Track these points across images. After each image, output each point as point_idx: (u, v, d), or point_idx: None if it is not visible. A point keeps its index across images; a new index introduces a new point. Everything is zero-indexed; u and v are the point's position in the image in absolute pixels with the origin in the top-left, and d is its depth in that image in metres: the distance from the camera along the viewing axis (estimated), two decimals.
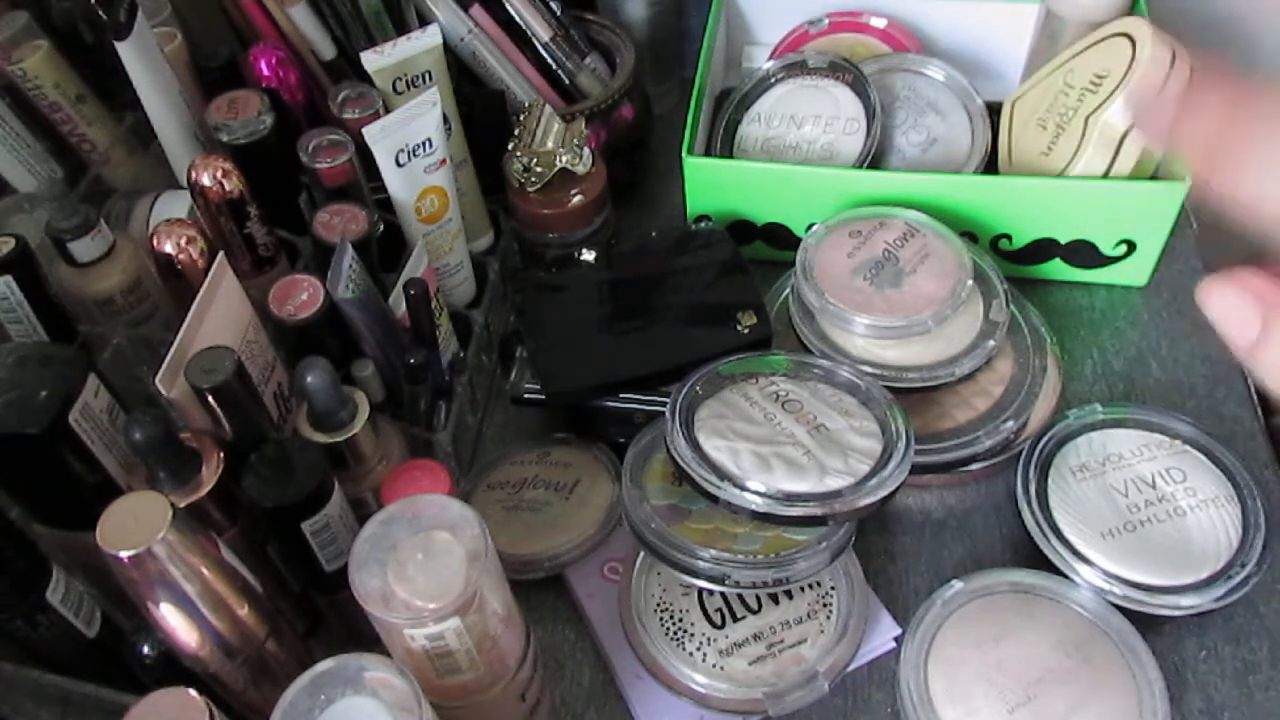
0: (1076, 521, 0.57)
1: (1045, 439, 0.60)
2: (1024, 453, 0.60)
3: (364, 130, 0.59)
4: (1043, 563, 0.56)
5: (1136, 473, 0.59)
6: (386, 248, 0.63)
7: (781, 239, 0.74)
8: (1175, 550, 0.55)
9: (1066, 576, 0.56)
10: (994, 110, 0.75)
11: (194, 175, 0.58)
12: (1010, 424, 0.61)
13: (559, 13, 0.76)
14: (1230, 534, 0.56)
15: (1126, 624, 0.53)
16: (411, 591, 0.40)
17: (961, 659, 0.53)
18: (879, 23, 0.80)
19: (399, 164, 0.61)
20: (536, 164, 0.67)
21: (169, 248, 0.54)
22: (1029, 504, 0.58)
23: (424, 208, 0.63)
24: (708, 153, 0.77)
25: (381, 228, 0.63)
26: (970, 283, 0.63)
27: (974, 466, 0.62)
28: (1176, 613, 0.54)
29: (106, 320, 0.61)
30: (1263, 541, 0.55)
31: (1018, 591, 0.56)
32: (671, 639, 0.56)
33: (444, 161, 0.63)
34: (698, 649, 0.55)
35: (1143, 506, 0.57)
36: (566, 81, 0.77)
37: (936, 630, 0.55)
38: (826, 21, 0.81)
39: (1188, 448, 0.59)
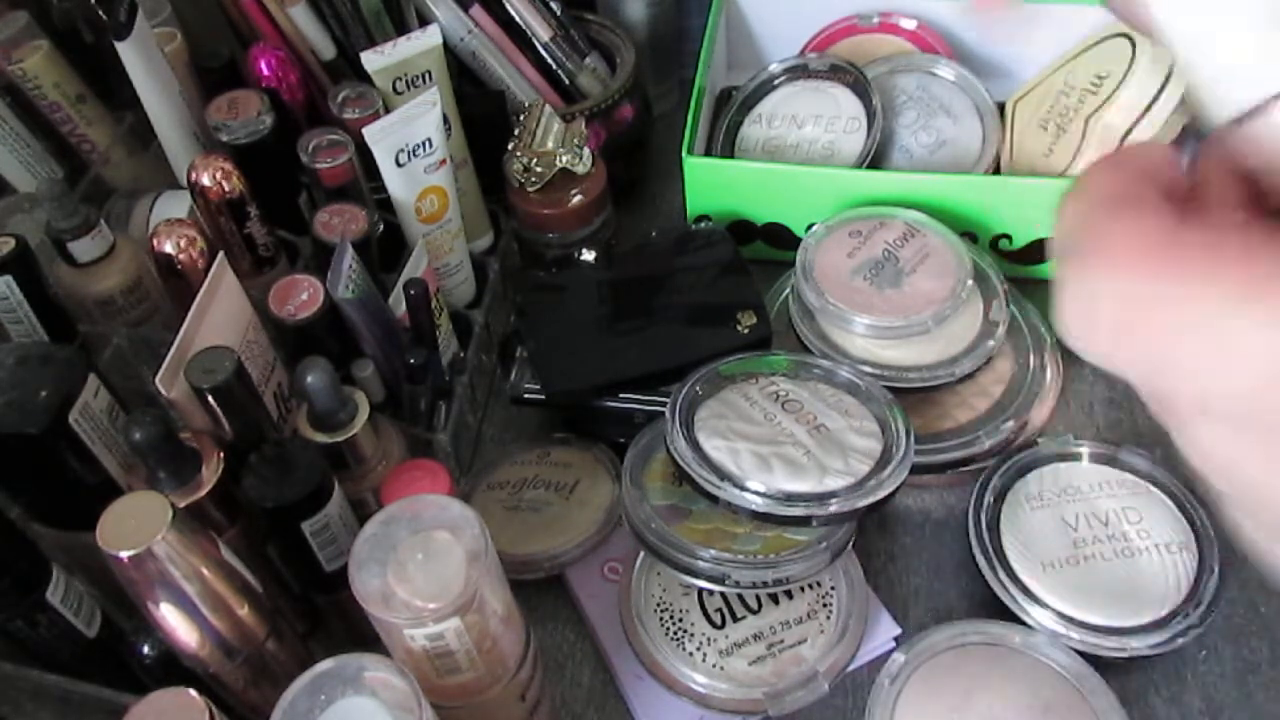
0: (1022, 549, 0.56)
1: (1008, 465, 0.60)
2: (983, 476, 0.60)
3: (364, 130, 0.59)
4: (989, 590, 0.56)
5: (1092, 507, 0.58)
6: (386, 248, 0.63)
7: (781, 239, 0.74)
8: (1118, 590, 0.54)
9: (1011, 611, 0.55)
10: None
11: (194, 175, 0.58)
12: (1010, 424, 0.61)
13: (559, 13, 0.76)
14: (1180, 580, 0.54)
15: (1085, 667, 0.52)
16: (411, 591, 0.40)
17: None
18: (909, 24, 0.80)
19: (399, 164, 0.61)
20: (536, 164, 0.67)
21: (169, 248, 0.54)
22: (977, 526, 0.57)
23: (424, 208, 0.63)
24: (708, 153, 0.77)
25: (381, 228, 0.63)
26: (970, 283, 0.63)
27: (974, 466, 0.62)
28: (1108, 653, 0.53)
29: (106, 320, 0.61)
30: (1213, 592, 0.54)
31: (958, 647, 0.54)
32: (671, 639, 0.56)
33: (444, 161, 0.63)
34: (698, 649, 0.55)
35: (1090, 542, 0.56)
36: (566, 81, 0.77)
37: (894, 707, 0.52)
38: (877, 19, 0.80)
39: (1151, 488, 0.58)
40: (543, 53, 0.76)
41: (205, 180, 0.58)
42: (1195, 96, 0.23)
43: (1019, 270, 0.73)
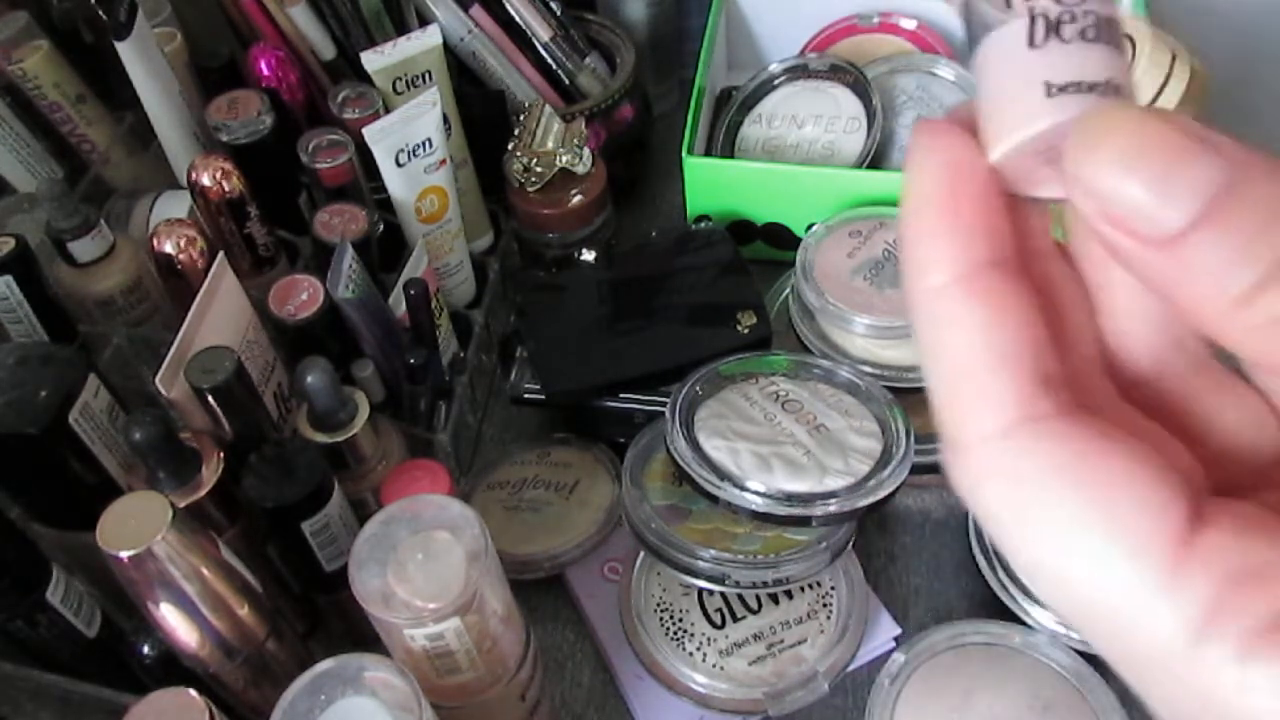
0: None
1: None
2: None
3: (364, 130, 0.59)
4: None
5: None
6: (386, 248, 0.63)
7: (781, 239, 0.74)
8: None
9: (1011, 611, 0.55)
10: None
11: (194, 175, 0.58)
12: None
13: (559, 13, 0.76)
14: None
15: (1085, 666, 0.52)
16: (411, 591, 0.40)
17: None
18: (909, 24, 0.80)
19: (399, 164, 0.61)
20: (536, 164, 0.67)
21: (169, 248, 0.54)
22: (978, 525, 0.58)
23: (424, 208, 0.63)
24: (708, 153, 0.77)
25: (381, 228, 0.63)
26: None
27: None
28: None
29: (106, 320, 0.61)
30: None
31: (958, 647, 0.54)
32: (671, 639, 0.56)
33: (444, 161, 0.63)
34: (698, 649, 0.55)
35: None
36: (566, 81, 0.77)
37: (893, 707, 0.52)
38: (877, 19, 0.80)
39: None
40: (543, 53, 0.76)
41: (205, 180, 0.58)
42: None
43: None
